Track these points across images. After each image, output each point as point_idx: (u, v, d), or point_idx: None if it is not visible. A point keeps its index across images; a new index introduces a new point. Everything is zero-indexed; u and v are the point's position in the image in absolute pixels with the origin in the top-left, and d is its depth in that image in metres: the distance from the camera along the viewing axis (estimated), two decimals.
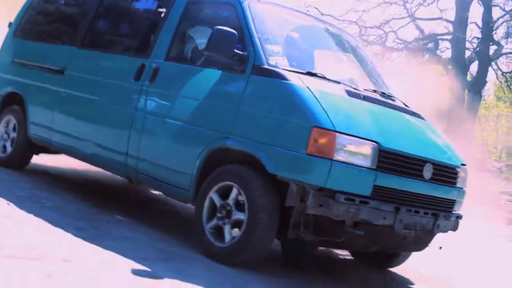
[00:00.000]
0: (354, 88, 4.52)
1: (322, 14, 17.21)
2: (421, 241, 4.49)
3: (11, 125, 6.26)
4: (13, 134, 6.20)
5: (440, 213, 4.36)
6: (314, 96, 4.03)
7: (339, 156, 3.86)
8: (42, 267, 3.15)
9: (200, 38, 4.86)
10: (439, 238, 4.67)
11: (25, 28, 6.61)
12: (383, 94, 4.81)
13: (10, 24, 6.82)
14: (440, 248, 4.64)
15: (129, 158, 4.92)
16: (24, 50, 6.49)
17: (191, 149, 4.45)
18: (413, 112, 4.83)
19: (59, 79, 5.81)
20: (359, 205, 3.87)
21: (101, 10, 5.85)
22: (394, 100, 4.84)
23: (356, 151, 3.92)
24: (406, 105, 4.95)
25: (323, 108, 3.95)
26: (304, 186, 3.87)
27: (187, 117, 4.55)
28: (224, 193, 4.18)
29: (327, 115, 3.92)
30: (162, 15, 5.17)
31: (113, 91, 5.25)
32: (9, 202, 4.59)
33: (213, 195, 4.22)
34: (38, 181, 5.79)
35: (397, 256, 5.00)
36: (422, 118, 4.87)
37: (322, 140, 3.85)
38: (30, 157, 6.27)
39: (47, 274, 3.04)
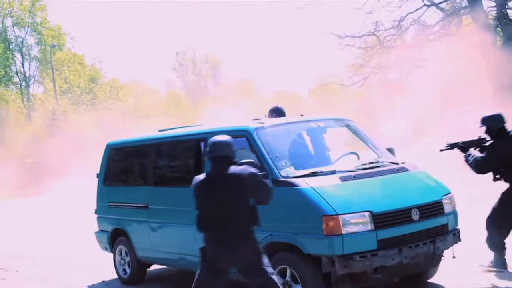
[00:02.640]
0: (347, 171, 6.16)
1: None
2: (431, 262, 6.08)
3: (123, 252, 8.31)
4: (127, 258, 8.23)
5: (437, 238, 5.92)
6: (318, 193, 5.73)
7: (346, 229, 5.54)
8: None
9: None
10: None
11: (109, 177, 8.67)
12: (371, 163, 6.45)
13: (97, 175, 8.90)
14: (454, 257, 6.19)
15: None
16: (114, 194, 8.54)
17: None
18: (397, 169, 6.38)
19: (146, 212, 7.78)
20: (371, 258, 5.53)
21: (159, 154, 7.83)
22: (381, 166, 6.45)
23: (357, 222, 5.59)
24: (393, 163, 6.54)
25: (325, 200, 5.65)
26: (331, 257, 5.57)
27: None
28: (283, 273, 5.93)
29: (329, 204, 5.62)
30: (202, 151, 7.03)
31: (186, 214, 7.14)
32: None
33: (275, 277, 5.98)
34: None
35: (425, 273, 6.56)
36: (406, 170, 6.43)
37: (331, 223, 5.55)
38: (145, 271, 8.32)
39: None
